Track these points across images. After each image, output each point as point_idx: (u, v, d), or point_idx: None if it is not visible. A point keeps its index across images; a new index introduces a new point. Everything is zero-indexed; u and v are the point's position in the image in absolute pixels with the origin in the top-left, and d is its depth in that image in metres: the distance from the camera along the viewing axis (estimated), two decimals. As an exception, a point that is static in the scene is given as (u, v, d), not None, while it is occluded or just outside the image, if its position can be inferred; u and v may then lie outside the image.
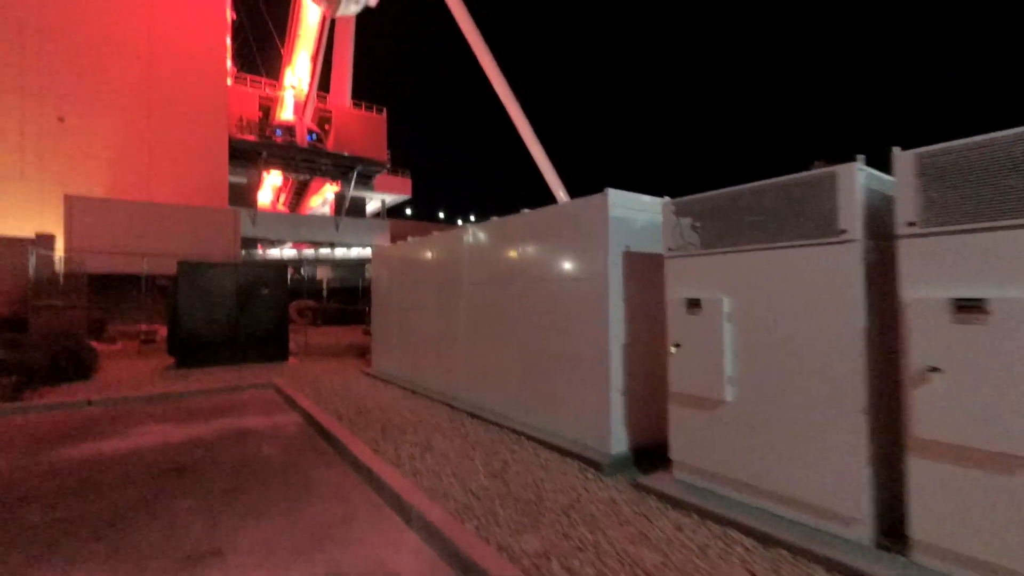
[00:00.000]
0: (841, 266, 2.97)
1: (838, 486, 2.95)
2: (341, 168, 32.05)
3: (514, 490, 3.87)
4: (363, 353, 12.09)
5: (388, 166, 33.77)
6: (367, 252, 34.75)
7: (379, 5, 26.24)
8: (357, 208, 35.89)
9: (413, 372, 7.88)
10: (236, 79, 32.23)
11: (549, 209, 5.13)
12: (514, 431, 5.29)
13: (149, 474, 4.46)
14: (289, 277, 10.64)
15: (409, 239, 8.35)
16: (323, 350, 12.86)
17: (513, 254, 5.63)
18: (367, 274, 36.44)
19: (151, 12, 23.12)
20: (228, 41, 27.43)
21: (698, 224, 3.74)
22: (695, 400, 3.73)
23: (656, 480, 3.92)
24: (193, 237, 18.74)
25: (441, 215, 60.81)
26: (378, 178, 34.58)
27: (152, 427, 6.00)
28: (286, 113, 33.61)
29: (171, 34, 23.60)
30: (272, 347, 10.24)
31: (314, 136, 32.73)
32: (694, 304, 3.69)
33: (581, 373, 4.69)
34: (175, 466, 4.67)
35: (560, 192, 23.73)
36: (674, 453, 3.92)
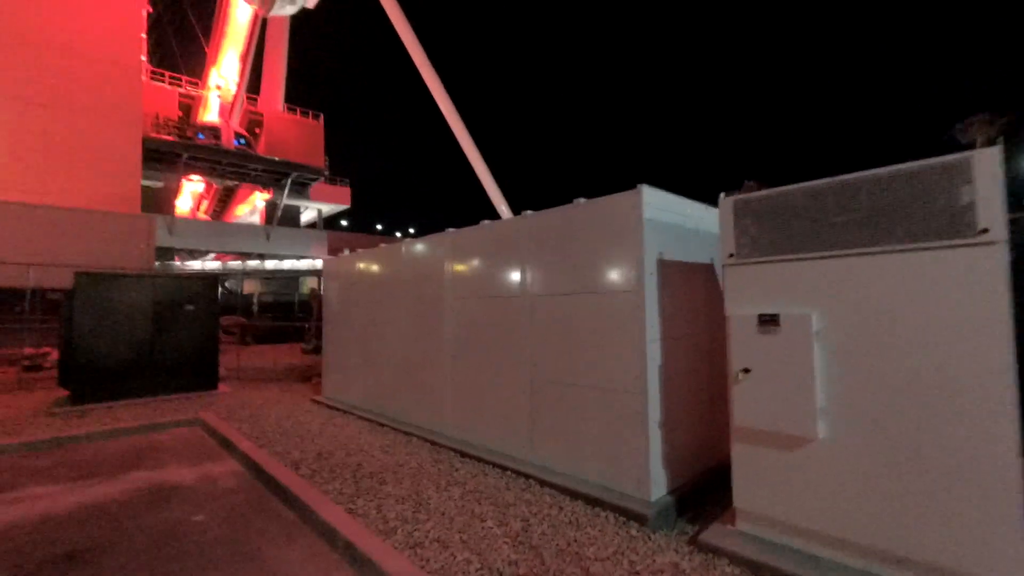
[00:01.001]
0: (980, 273, 2.42)
1: (989, 549, 2.35)
2: (274, 174, 29.75)
3: (552, 564, 3.00)
4: (308, 377, 10.66)
5: (326, 174, 31.78)
6: (302, 264, 32.42)
7: (317, 7, 24.74)
8: (290, 218, 33.47)
9: (379, 400, 6.76)
10: (152, 75, 29.19)
11: (562, 210, 4.37)
12: (520, 474, 4.41)
13: (23, 566, 3.15)
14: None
15: (359, 250, 7.30)
16: (259, 374, 11.25)
17: (515, 264, 4.81)
18: (302, 288, 33.96)
19: (50, -8, 20.29)
20: (143, 35, 24.71)
21: (770, 225, 3.12)
22: (771, 437, 3.06)
23: (718, 535, 3.20)
24: (98, 246, 16.21)
25: (379, 227, 58.79)
26: (314, 186, 32.48)
27: (32, 489, 4.52)
28: (211, 115, 30.83)
29: (75, 21, 20.82)
30: (198, 373, 8.65)
31: (242, 141, 30.20)
32: (769, 321, 3.04)
33: (611, 405, 3.92)
34: (64, 550, 3.37)
35: (503, 207, 23.00)
36: (740, 500, 3.23)
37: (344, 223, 48.85)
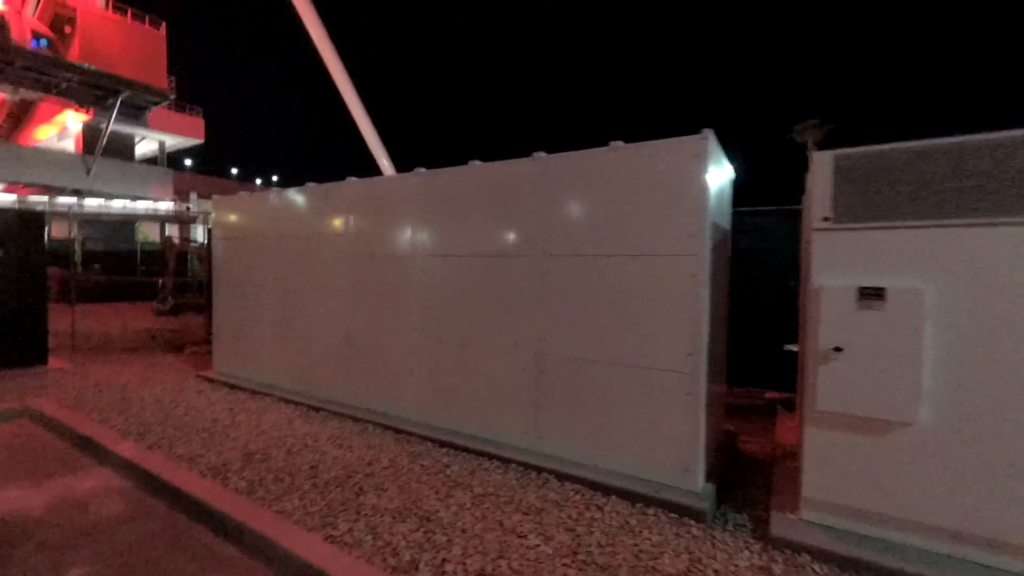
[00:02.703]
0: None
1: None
2: (95, 90, 23.50)
3: (643, 590, 2.42)
4: (179, 346, 8.55)
5: (171, 97, 26.02)
6: (139, 207, 26.75)
7: None
8: (121, 148, 27.10)
9: (307, 379, 5.46)
10: None
11: (593, 154, 3.60)
12: (528, 466, 3.72)
13: None
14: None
15: (273, 190, 5.76)
16: (104, 342, 8.75)
17: (520, 217, 3.95)
18: (137, 235, 28.06)
19: None
20: None
21: (875, 187, 2.76)
22: (859, 423, 2.79)
23: (788, 528, 2.90)
24: None
25: (234, 171, 51.21)
26: (155, 112, 26.52)
27: None
28: (-9, -3, 23.18)
29: None
30: (16, 343, 6.28)
31: (44, 42, 23.21)
32: (872, 295, 2.72)
33: (652, 385, 3.39)
34: None
35: (384, 160, 20.74)
36: (809, 488, 2.95)
37: (188, 162, 41.59)
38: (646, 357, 3.41)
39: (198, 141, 30.03)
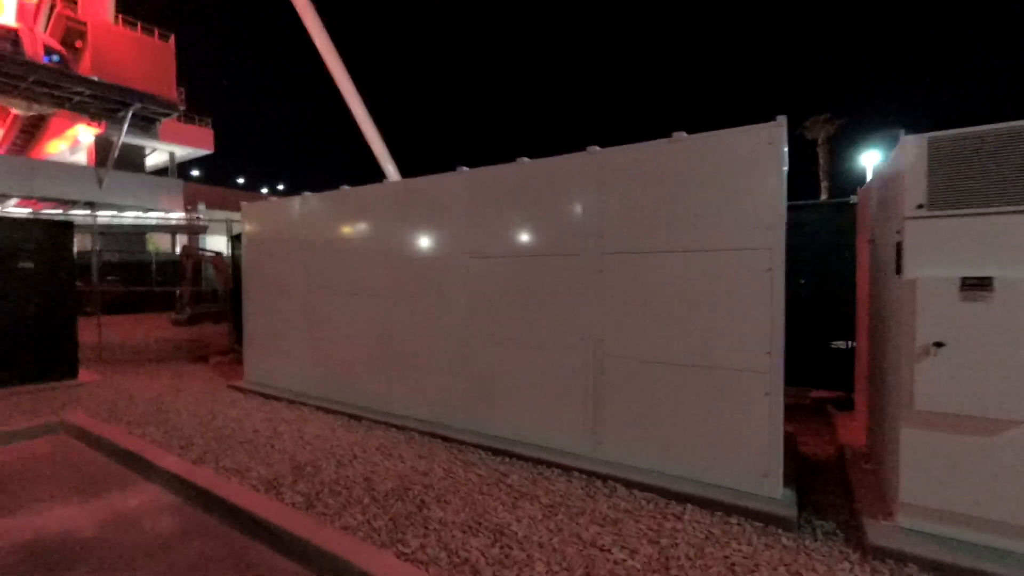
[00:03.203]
0: None
1: None
2: (108, 103, 23.65)
3: (750, 607, 2.25)
4: (203, 355, 8.44)
5: (181, 109, 26.17)
6: (150, 218, 26.87)
7: None
8: (131, 160, 27.25)
9: (343, 387, 5.32)
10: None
11: (655, 146, 3.45)
12: (589, 474, 3.56)
13: None
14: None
15: (305, 194, 5.63)
16: (130, 354, 8.67)
17: (574, 214, 3.80)
18: (148, 245, 28.17)
19: None
20: None
21: (974, 171, 2.59)
22: (964, 422, 2.61)
23: (888, 536, 2.71)
24: None
25: (240, 181, 51.63)
26: (166, 124, 26.68)
27: None
28: (5, 15, 23.46)
29: None
30: (47, 357, 6.19)
31: (57, 57, 23.40)
32: (977, 285, 2.54)
33: (725, 387, 3.22)
34: None
35: (389, 167, 20.49)
36: (908, 493, 2.76)
37: (195, 173, 41.93)
38: (718, 357, 3.25)
39: (208, 151, 30.14)
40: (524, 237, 4.04)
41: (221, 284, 15.36)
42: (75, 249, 6.68)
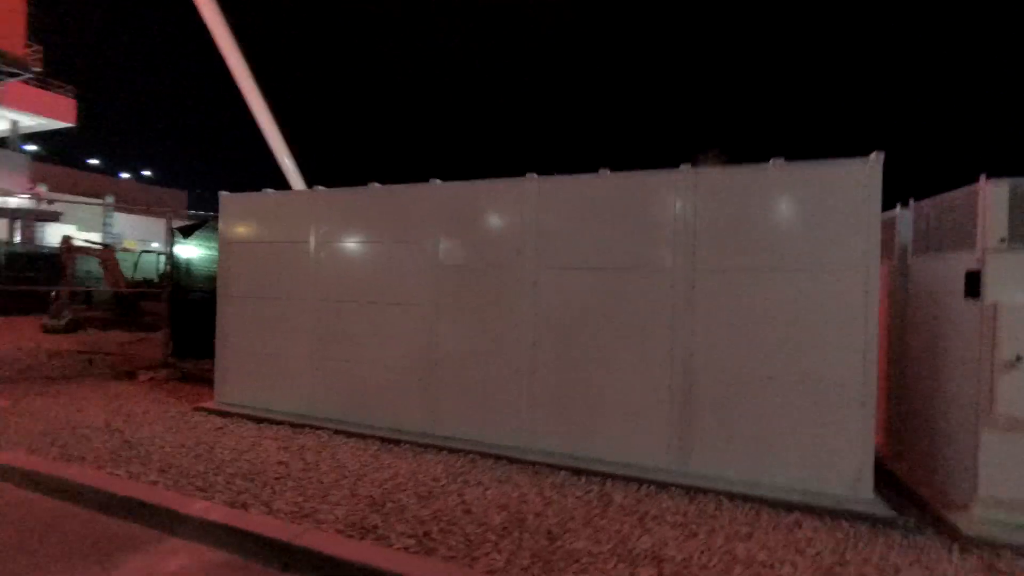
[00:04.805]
0: None
1: None
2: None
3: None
4: (128, 372, 6.97)
5: (35, 70, 21.67)
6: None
7: None
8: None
9: (366, 406, 4.74)
10: None
11: (753, 170, 3.58)
12: (687, 488, 3.57)
13: None
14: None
15: (319, 188, 5.02)
16: (16, 371, 6.87)
17: (664, 230, 3.80)
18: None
19: None
20: None
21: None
22: (1037, 425, 3.07)
23: (975, 526, 3.10)
24: None
25: (95, 162, 43.99)
26: (11, 85, 21.91)
27: None
28: None
29: None
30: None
31: None
32: (1053, 309, 3.01)
33: (820, 398, 3.44)
34: None
35: (286, 160, 18.67)
36: (985, 487, 3.16)
37: (32, 147, 35.15)
38: (814, 370, 3.46)
39: (67, 124, 25.31)
40: (604, 250, 3.96)
41: (109, 283, 12.97)
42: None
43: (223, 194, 5.42)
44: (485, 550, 2.76)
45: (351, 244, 4.85)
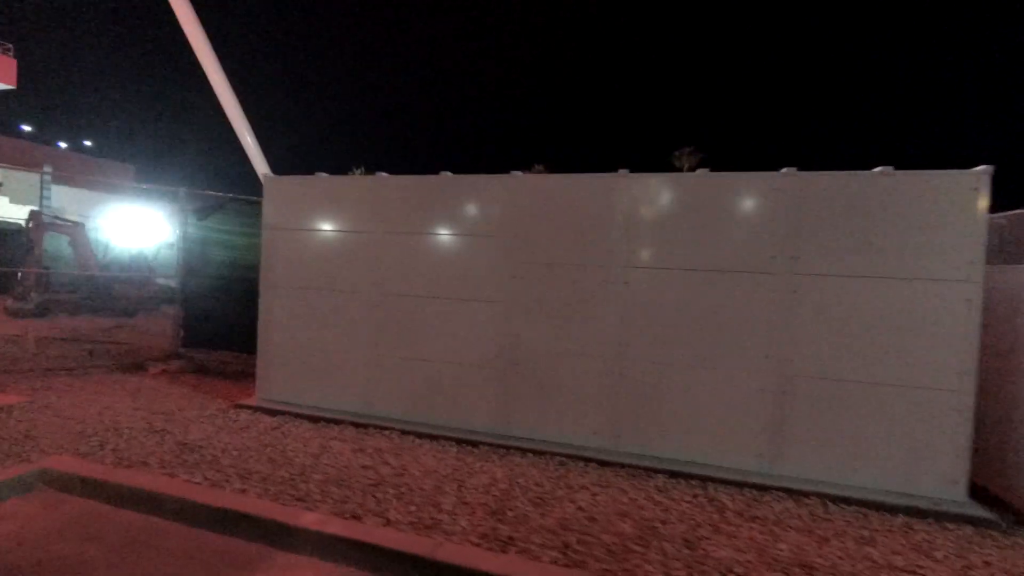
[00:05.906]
0: None
1: None
2: None
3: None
4: (137, 364, 6.42)
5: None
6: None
7: None
8: None
9: (434, 405, 4.54)
10: None
11: (859, 176, 3.60)
12: (789, 491, 3.60)
13: None
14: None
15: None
16: (15, 362, 6.19)
17: (766, 233, 3.78)
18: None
19: None
20: None
21: None
22: None
23: (1063, 528, 3.28)
24: None
25: (27, 128, 40.10)
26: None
27: None
28: None
29: None
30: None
31: None
32: None
33: (919, 404, 3.53)
34: None
35: (248, 137, 17.73)
36: (1071, 492, 3.37)
37: None
38: (913, 377, 3.55)
39: (7, 86, 23.00)
40: (699, 251, 3.92)
41: (79, 264, 11.94)
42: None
43: (267, 175, 5.04)
44: (635, 561, 2.68)
45: (419, 235, 4.60)
